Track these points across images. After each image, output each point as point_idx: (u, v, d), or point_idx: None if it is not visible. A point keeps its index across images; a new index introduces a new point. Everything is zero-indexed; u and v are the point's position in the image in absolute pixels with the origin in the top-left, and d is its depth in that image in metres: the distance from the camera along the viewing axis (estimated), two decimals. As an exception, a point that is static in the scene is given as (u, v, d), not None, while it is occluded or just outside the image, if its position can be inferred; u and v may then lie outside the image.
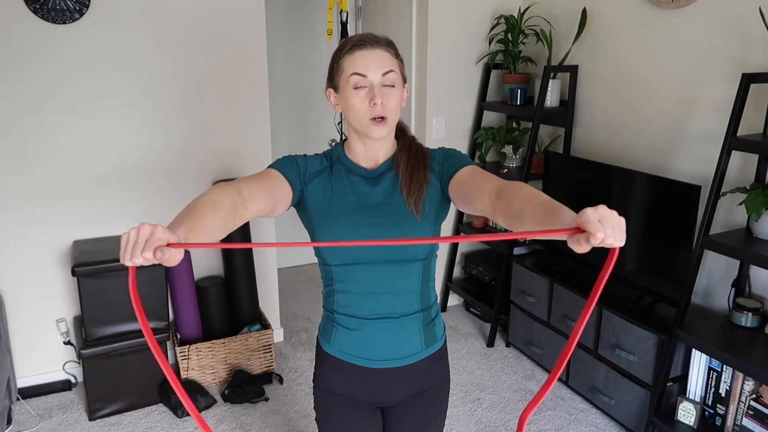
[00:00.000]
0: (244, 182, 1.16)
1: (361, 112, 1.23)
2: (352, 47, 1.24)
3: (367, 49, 1.23)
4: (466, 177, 1.22)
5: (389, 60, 1.25)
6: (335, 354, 1.39)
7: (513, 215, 1.00)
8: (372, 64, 1.22)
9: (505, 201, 1.04)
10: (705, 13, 2.44)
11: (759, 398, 2.15)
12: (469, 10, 3.35)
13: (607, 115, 2.99)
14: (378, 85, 1.22)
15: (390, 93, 1.24)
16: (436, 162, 1.32)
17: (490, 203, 1.08)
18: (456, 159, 1.30)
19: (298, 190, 1.28)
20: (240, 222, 1.10)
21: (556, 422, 2.65)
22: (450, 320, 3.61)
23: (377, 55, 1.23)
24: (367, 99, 1.22)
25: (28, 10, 2.50)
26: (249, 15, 2.91)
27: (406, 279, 1.33)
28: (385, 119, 1.24)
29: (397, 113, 1.27)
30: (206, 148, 2.96)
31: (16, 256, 2.71)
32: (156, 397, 2.75)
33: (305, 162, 1.32)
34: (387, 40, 1.28)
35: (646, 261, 2.62)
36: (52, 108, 2.64)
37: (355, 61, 1.23)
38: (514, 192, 1.04)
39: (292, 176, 1.27)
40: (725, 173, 2.16)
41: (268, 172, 1.25)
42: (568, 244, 0.80)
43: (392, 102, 1.24)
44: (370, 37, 1.25)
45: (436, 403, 1.45)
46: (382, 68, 1.23)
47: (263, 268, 3.23)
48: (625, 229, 0.80)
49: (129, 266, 0.84)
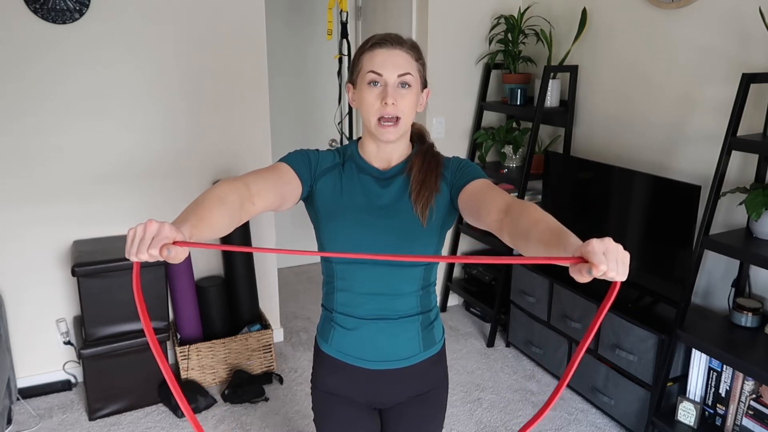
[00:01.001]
0: (252, 177, 1.15)
1: (372, 110, 1.23)
2: (373, 45, 1.24)
3: (387, 48, 1.23)
4: (478, 190, 1.21)
5: (408, 62, 1.24)
6: (333, 354, 1.39)
7: (519, 235, 0.99)
8: (389, 63, 1.22)
9: (513, 219, 1.03)
10: (705, 13, 2.44)
11: (759, 398, 2.15)
12: (469, 10, 3.35)
13: (607, 115, 2.99)
14: (392, 85, 1.22)
15: (405, 94, 1.23)
16: (449, 171, 1.31)
17: (498, 219, 1.07)
18: (468, 170, 1.28)
19: (307, 185, 1.28)
20: (247, 217, 1.10)
21: (556, 422, 2.65)
22: (450, 320, 3.61)
23: (396, 55, 1.22)
24: (379, 97, 1.22)
25: (28, 10, 2.49)
26: (249, 15, 2.91)
27: (407, 281, 1.32)
28: (398, 121, 1.23)
29: (410, 116, 1.25)
30: (207, 147, 2.96)
31: (16, 256, 2.71)
32: (156, 397, 2.75)
33: (317, 157, 1.31)
34: (411, 42, 1.27)
35: (646, 261, 2.62)
36: (52, 108, 2.64)
37: (374, 59, 1.23)
38: (524, 212, 1.02)
39: (302, 171, 1.27)
40: (725, 173, 2.16)
41: (278, 166, 1.24)
42: (570, 272, 0.80)
43: (406, 104, 1.23)
44: (393, 37, 1.25)
45: (434, 406, 1.45)
46: (399, 69, 1.22)
47: (263, 268, 3.23)
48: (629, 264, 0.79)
49: (134, 261, 0.84)
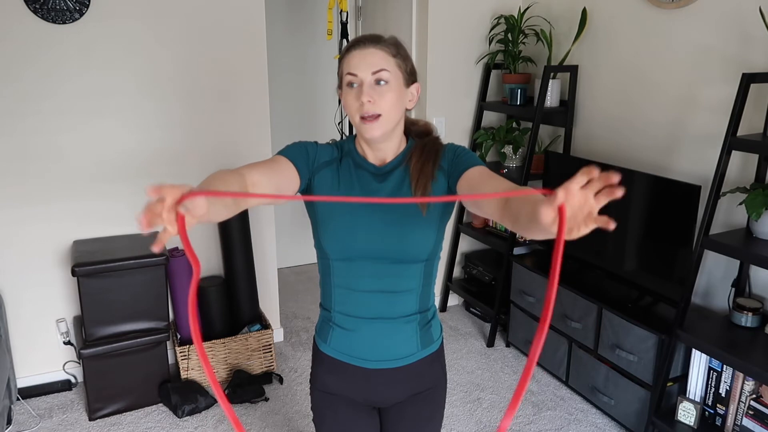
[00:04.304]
0: (248, 168, 1.13)
1: (352, 110, 1.24)
2: (349, 47, 1.26)
3: (360, 48, 1.24)
4: (477, 178, 1.20)
5: (383, 58, 1.23)
6: (332, 354, 1.38)
7: (514, 216, 0.99)
8: (362, 63, 1.23)
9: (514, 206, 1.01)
10: (705, 13, 2.44)
11: (759, 398, 2.15)
12: (469, 10, 3.35)
13: (607, 115, 2.99)
14: (368, 83, 1.22)
15: (383, 91, 1.22)
16: (445, 160, 1.30)
17: (500, 209, 1.06)
18: (465, 158, 1.28)
19: (305, 179, 1.27)
20: (244, 206, 1.06)
21: (556, 422, 2.65)
22: (450, 320, 3.61)
23: (370, 54, 1.23)
24: (357, 97, 1.22)
25: (28, 10, 2.50)
26: (249, 15, 2.91)
27: (406, 279, 1.32)
28: (378, 117, 1.22)
29: (393, 112, 1.24)
30: (207, 148, 2.96)
31: (16, 255, 2.71)
32: (156, 397, 2.75)
33: (315, 150, 1.31)
34: (391, 39, 1.28)
35: (646, 261, 2.62)
36: (52, 108, 2.64)
37: (349, 61, 1.24)
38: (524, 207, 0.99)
39: (300, 164, 1.26)
40: (725, 173, 2.16)
41: (276, 159, 1.24)
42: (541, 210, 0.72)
43: (385, 100, 1.22)
44: (367, 37, 1.26)
45: (432, 404, 1.45)
46: (372, 67, 1.22)
47: (263, 268, 3.23)
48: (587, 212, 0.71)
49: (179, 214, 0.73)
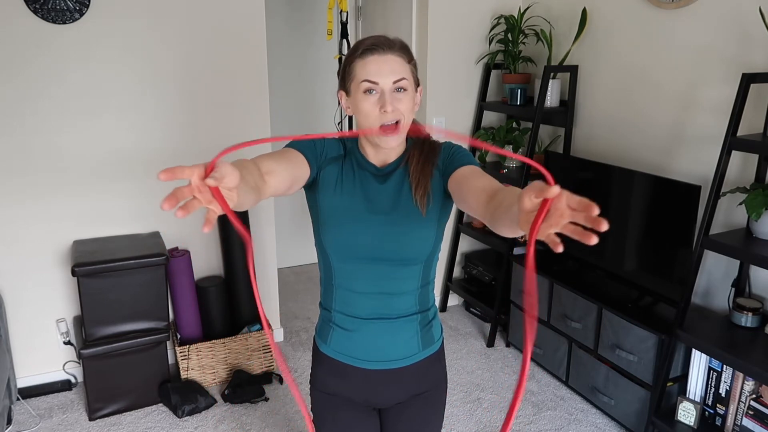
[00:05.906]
0: (260, 158, 1.10)
1: (371, 118, 1.20)
2: (364, 51, 1.21)
3: (379, 54, 1.20)
4: (467, 175, 1.20)
5: (401, 66, 1.21)
6: (332, 355, 1.38)
7: (494, 207, 0.97)
8: (384, 70, 1.19)
9: (497, 203, 1.00)
10: (705, 13, 2.44)
11: (759, 398, 2.15)
12: (469, 10, 3.35)
13: (607, 115, 2.99)
14: (389, 91, 1.19)
15: (402, 98, 1.21)
16: (441, 158, 1.31)
17: (483, 203, 1.05)
18: (459, 156, 1.28)
19: (315, 170, 1.27)
20: (264, 193, 1.02)
21: (556, 422, 2.65)
22: (450, 320, 3.61)
23: (389, 60, 1.20)
24: (377, 105, 1.19)
25: (28, 9, 2.49)
26: (249, 14, 2.91)
27: (406, 280, 1.32)
28: (398, 124, 1.21)
29: (409, 118, 1.24)
30: (207, 147, 2.95)
31: (16, 255, 2.71)
32: (156, 397, 2.75)
33: (322, 144, 1.31)
34: (401, 43, 1.24)
35: (646, 261, 2.62)
36: (52, 107, 2.64)
37: (367, 67, 1.20)
38: (508, 195, 0.98)
39: (309, 155, 1.26)
40: (725, 173, 2.16)
41: (286, 151, 1.23)
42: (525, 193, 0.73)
43: (404, 106, 1.21)
44: (383, 41, 1.21)
45: (433, 405, 1.45)
46: (394, 75, 1.19)
47: (263, 268, 3.23)
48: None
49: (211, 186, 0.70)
